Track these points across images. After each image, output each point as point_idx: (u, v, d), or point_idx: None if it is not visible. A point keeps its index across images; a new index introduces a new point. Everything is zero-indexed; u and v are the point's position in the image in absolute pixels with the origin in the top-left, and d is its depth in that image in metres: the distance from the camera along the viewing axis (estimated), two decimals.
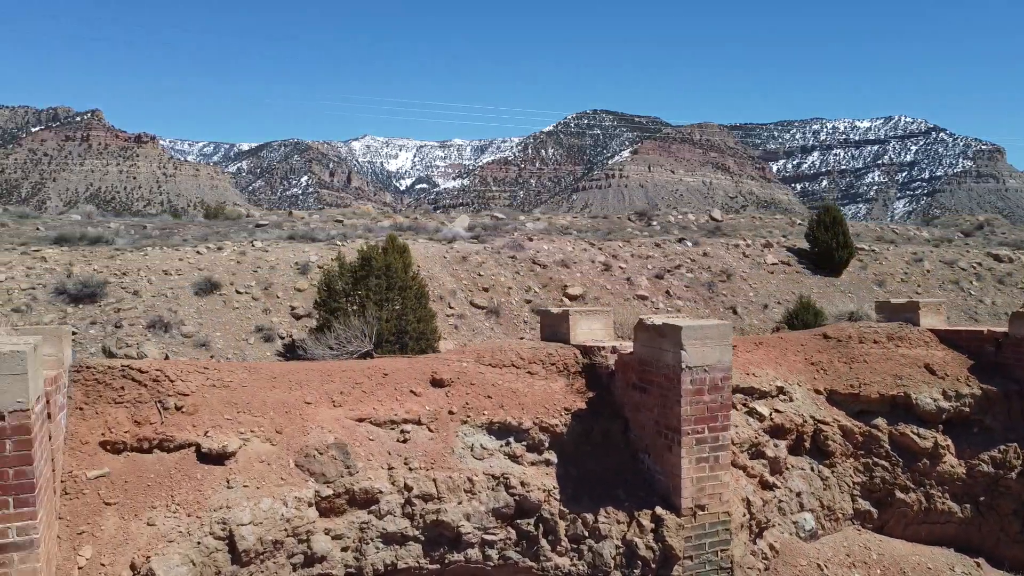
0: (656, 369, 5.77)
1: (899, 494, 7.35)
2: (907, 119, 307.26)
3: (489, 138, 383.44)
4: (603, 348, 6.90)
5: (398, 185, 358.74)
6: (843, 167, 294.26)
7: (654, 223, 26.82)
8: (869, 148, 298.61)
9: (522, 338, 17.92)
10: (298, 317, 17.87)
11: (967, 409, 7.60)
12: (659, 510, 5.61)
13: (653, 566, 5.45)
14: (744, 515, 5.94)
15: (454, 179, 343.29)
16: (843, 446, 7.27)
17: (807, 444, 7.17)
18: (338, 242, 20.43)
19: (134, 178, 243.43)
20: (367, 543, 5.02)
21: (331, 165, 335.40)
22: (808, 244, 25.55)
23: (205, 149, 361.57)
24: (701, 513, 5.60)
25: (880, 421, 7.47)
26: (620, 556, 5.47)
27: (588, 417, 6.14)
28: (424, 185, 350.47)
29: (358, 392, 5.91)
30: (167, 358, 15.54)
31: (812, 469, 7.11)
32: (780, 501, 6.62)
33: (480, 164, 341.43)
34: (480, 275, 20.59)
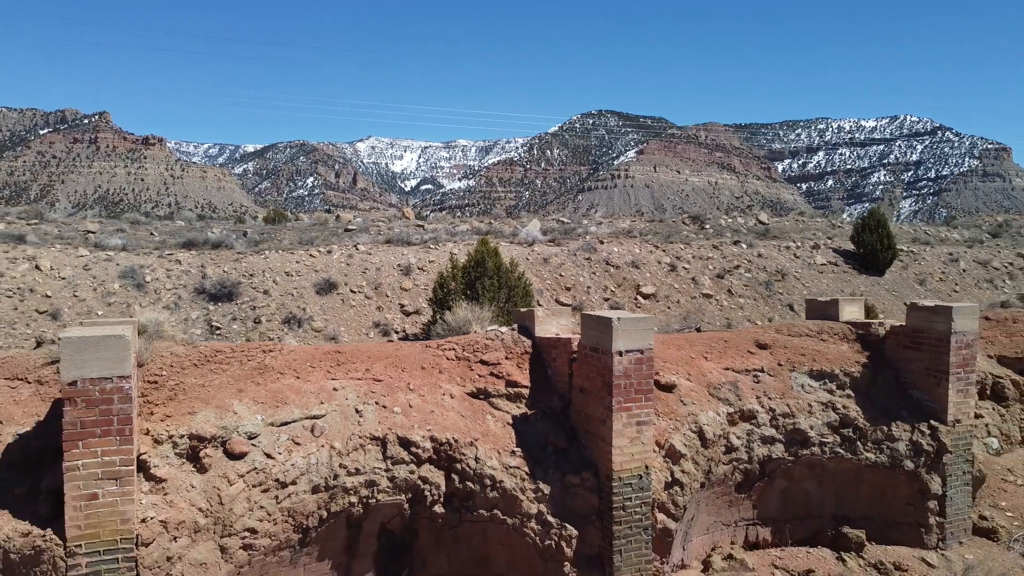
0: (929, 335, 8.88)
1: None
2: (913, 118, 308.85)
3: (494, 139, 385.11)
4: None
5: (403, 186, 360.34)
6: (848, 167, 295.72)
7: (707, 226, 28.55)
8: (875, 148, 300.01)
9: None
10: (407, 314, 19.64)
11: None
12: (933, 423, 8.88)
13: (932, 456, 8.65)
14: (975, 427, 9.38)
15: (459, 180, 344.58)
16: (1013, 392, 10.73)
17: (988, 392, 10.66)
18: (431, 246, 22.19)
19: (142, 180, 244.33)
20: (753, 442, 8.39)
21: (336, 166, 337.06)
22: (853, 246, 27.27)
23: (210, 151, 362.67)
24: (958, 425, 8.82)
25: None
26: (909, 450, 8.62)
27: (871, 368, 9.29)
28: (429, 186, 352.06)
29: (717, 351, 8.97)
30: None
31: (993, 408, 10.62)
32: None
33: (485, 165, 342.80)
34: (562, 275, 22.34)
